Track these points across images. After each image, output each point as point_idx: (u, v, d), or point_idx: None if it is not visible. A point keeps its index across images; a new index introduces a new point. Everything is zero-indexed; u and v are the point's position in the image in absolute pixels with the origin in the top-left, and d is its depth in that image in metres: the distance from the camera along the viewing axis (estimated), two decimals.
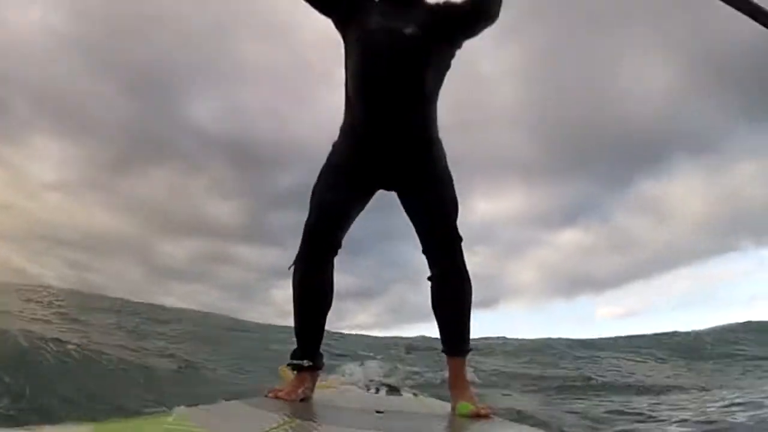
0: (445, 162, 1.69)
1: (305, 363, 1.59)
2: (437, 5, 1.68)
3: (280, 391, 1.52)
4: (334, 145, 1.70)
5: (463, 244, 1.62)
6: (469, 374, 1.68)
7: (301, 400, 1.50)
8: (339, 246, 1.64)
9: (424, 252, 1.63)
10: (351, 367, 5.53)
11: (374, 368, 5.77)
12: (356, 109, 1.64)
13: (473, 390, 1.61)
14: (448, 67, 1.69)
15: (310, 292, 1.62)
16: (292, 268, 1.61)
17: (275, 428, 0.89)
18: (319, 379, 1.70)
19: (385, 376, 5.13)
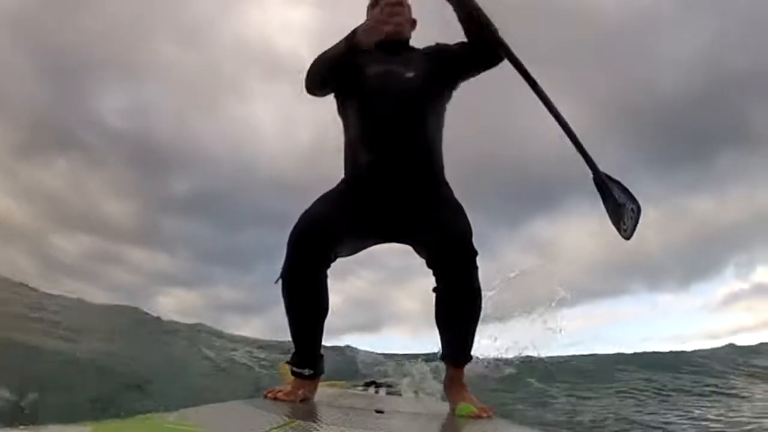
0: (455, 199, 1.63)
1: (306, 372, 1.56)
2: (430, 48, 1.71)
3: (279, 391, 1.50)
4: (339, 185, 1.66)
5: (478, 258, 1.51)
6: None
7: (301, 401, 1.49)
8: (332, 257, 1.53)
9: (430, 266, 1.54)
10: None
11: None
12: (360, 156, 1.62)
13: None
14: (445, 109, 1.70)
15: (299, 305, 1.54)
16: (279, 280, 1.52)
17: (275, 428, 0.89)
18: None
19: None
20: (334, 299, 1.57)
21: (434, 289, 1.55)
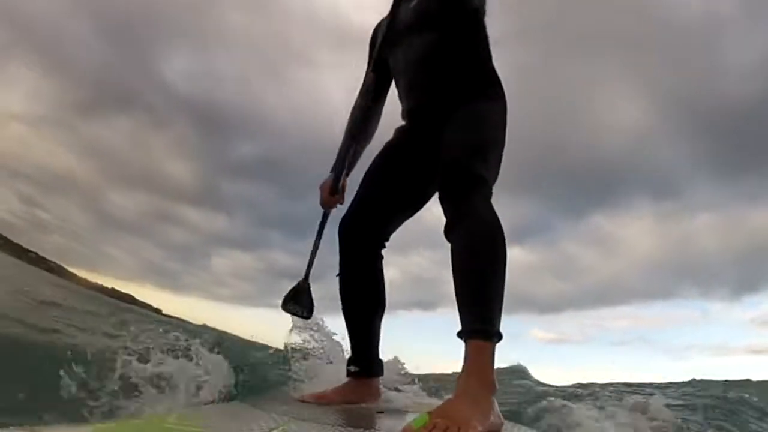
0: (497, 114, 1.45)
1: (352, 368, 1.55)
2: None
3: (316, 394, 1.51)
4: (394, 131, 1.65)
5: (484, 189, 1.28)
6: None
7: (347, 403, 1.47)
8: (383, 239, 1.54)
9: (439, 198, 1.32)
10: None
11: None
12: (403, 103, 1.63)
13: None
14: (476, 26, 1.53)
15: (355, 295, 1.56)
16: (339, 276, 1.56)
17: (275, 428, 0.89)
18: (382, 387, 1.63)
19: None
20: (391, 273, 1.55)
21: (444, 232, 1.28)
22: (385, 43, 1.61)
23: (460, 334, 1.17)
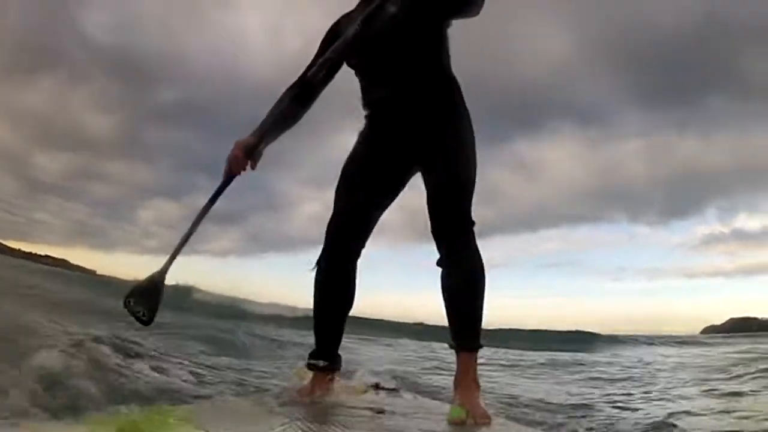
0: (470, 135, 1.60)
1: (320, 363, 1.60)
2: None
3: (295, 391, 1.54)
4: (359, 135, 1.69)
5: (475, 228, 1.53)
6: None
7: (314, 400, 1.50)
8: (362, 249, 1.64)
9: (432, 232, 1.55)
10: None
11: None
12: (367, 96, 1.66)
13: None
14: (441, 27, 1.61)
15: (330, 295, 1.64)
16: (315, 268, 1.62)
17: (274, 429, 0.90)
18: (337, 380, 1.68)
19: None
20: None
21: (437, 263, 1.56)
22: (354, 47, 1.60)
23: (453, 347, 1.54)
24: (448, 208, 1.53)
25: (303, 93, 1.67)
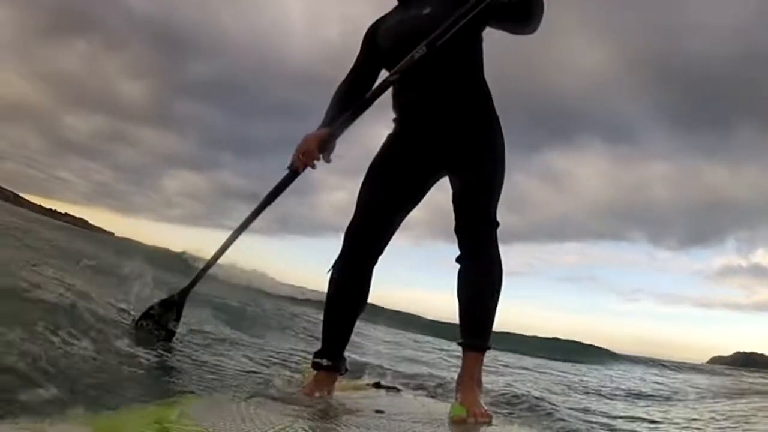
0: (500, 140, 1.61)
1: (324, 362, 1.60)
2: None
3: (304, 389, 1.56)
4: (387, 136, 1.70)
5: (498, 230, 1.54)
6: None
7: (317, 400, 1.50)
8: (381, 251, 1.63)
9: (455, 230, 1.55)
10: None
11: None
12: (399, 97, 1.66)
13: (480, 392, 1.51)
14: (477, 36, 1.64)
15: (344, 296, 1.63)
16: (331, 270, 1.62)
17: (274, 429, 0.90)
18: (338, 379, 1.69)
19: None
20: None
21: (456, 259, 1.56)
22: (394, 44, 1.63)
23: (462, 344, 1.53)
24: (473, 205, 1.53)
25: (352, 93, 1.71)
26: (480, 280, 1.53)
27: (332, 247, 1.70)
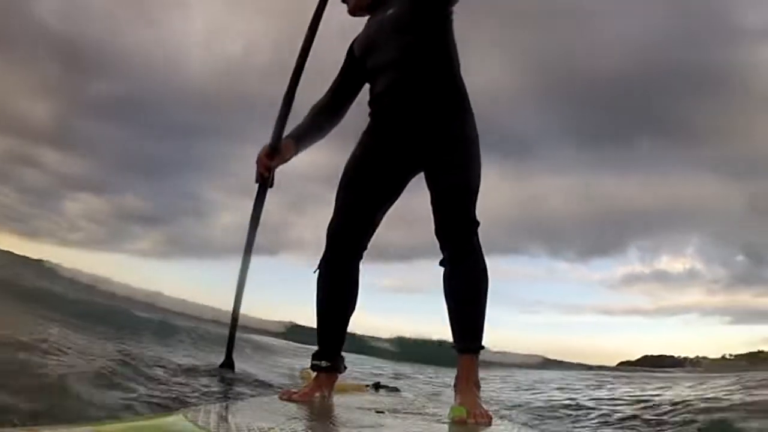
0: (475, 137, 1.62)
1: (323, 363, 1.60)
2: None
3: (295, 392, 1.53)
4: (362, 134, 1.71)
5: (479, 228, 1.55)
6: None
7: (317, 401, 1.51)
8: (364, 249, 1.65)
9: (435, 233, 1.56)
10: None
11: None
12: (371, 94, 1.69)
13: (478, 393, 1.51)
14: (444, 30, 1.64)
15: (333, 297, 1.64)
16: (317, 271, 1.63)
17: (274, 428, 0.90)
18: (338, 379, 1.69)
19: None
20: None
21: (440, 262, 1.57)
22: (364, 49, 1.68)
23: (455, 348, 1.54)
24: (453, 208, 1.54)
25: (333, 105, 1.78)
26: (466, 284, 1.55)
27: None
